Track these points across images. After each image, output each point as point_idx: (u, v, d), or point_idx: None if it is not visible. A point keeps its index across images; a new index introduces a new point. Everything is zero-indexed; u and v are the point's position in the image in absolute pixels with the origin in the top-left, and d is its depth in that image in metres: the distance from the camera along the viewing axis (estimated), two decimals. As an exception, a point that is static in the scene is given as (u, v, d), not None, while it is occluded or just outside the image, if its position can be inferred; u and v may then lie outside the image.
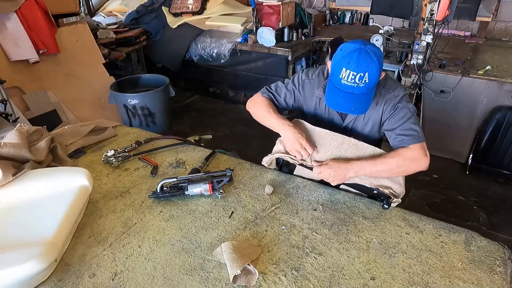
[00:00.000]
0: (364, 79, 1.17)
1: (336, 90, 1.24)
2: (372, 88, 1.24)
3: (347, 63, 1.18)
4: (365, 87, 1.20)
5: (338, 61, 1.21)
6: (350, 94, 1.21)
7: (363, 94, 1.22)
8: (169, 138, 1.68)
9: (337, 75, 1.21)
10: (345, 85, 1.20)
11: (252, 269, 0.98)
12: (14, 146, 1.29)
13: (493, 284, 0.95)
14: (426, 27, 2.54)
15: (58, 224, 1.05)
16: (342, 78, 1.20)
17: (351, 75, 1.17)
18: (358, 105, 1.24)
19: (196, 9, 4.17)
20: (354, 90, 1.20)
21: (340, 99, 1.24)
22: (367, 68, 1.16)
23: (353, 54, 1.17)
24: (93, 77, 3.40)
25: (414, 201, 2.70)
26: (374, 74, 1.18)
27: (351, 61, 1.17)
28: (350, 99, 1.22)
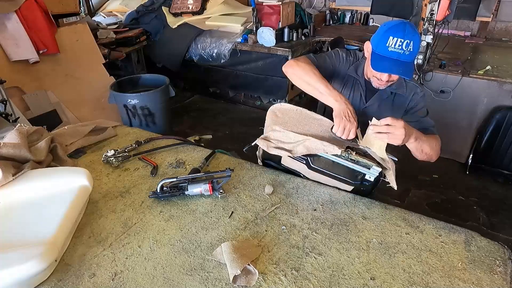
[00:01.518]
0: (409, 47, 1.26)
1: (383, 57, 1.31)
2: (413, 61, 1.32)
3: (394, 32, 1.27)
4: (410, 56, 1.28)
5: (383, 32, 1.30)
6: (397, 61, 1.28)
7: (408, 62, 1.29)
8: (169, 138, 1.68)
9: (383, 44, 1.29)
10: (392, 52, 1.28)
11: (252, 269, 0.98)
12: (14, 146, 1.29)
13: (493, 284, 0.95)
14: (426, 27, 2.55)
15: (58, 224, 1.05)
16: (389, 45, 1.27)
17: (398, 41, 1.26)
18: (405, 70, 1.30)
19: (196, 9, 4.17)
20: (400, 57, 1.27)
21: (388, 63, 1.30)
22: (412, 36, 1.25)
23: (400, 25, 1.27)
24: (93, 77, 3.40)
25: (414, 201, 2.71)
26: (417, 45, 1.28)
27: (398, 30, 1.26)
28: (398, 64, 1.29)
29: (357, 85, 1.53)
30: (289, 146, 1.30)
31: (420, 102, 1.49)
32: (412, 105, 1.49)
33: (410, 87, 1.49)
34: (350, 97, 1.55)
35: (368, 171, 1.25)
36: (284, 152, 1.30)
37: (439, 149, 1.38)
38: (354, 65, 1.53)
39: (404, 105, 1.50)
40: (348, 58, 1.55)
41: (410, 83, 1.50)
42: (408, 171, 2.97)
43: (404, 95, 1.49)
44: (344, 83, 1.56)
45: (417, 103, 1.49)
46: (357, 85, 1.53)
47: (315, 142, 1.25)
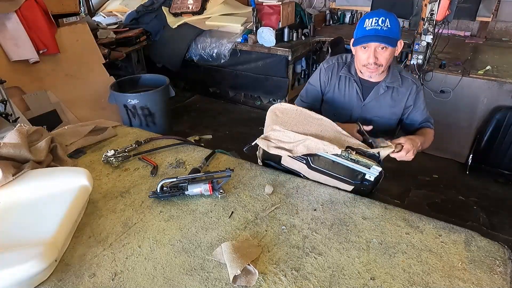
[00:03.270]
0: (386, 24, 1.34)
1: (363, 36, 1.39)
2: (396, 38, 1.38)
3: (369, 15, 1.39)
4: (388, 32, 1.35)
5: (360, 20, 1.42)
6: (375, 35, 1.36)
7: (388, 37, 1.36)
8: (169, 138, 1.68)
9: (361, 27, 1.40)
10: (370, 29, 1.37)
11: (252, 269, 0.98)
12: (14, 146, 1.29)
13: (493, 284, 0.95)
14: (426, 27, 2.54)
15: (58, 224, 1.05)
16: (366, 26, 1.38)
17: (374, 20, 1.36)
18: (385, 40, 1.36)
19: (196, 9, 4.17)
20: (378, 32, 1.35)
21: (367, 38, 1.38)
22: (387, 15, 1.36)
23: (374, 11, 1.40)
24: (93, 77, 3.40)
25: (414, 201, 2.71)
26: (395, 24, 1.36)
27: (372, 13, 1.39)
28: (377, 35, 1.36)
29: (352, 84, 1.56)
30: (289, 146, 1.30)
31: (417, 101, 1.55)
32: (410, 103, 1.55)
33: (406, 82, 1.53)
34: (345, 98, 1.59)
35: (368, 170, 1.25)
36: (284, 151, 1.30)
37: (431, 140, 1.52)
38: (346, 66, 1.57)
39: (402, 101, 1.54)
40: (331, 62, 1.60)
41: (407, 78, 1.53)
42: (408, 171, 2.98)
43: (401, 89, 1.52)
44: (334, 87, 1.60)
45: (415, 103, 1.55)
46: (352, 84, 1.56)
47: (315, 141, 1.25)
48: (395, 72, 1.52)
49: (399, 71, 1.54)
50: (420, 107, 1.56)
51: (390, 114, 1.57)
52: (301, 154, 1.30)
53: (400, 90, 1.52)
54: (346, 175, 1.28)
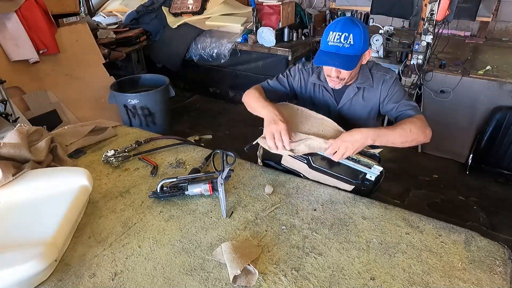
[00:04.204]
0: (349, 40, 1.28)
1: (324, 52, 1.34)
2: (357, 54, 1.32)
3: (333, 27, 1.31)
4: (350, 49, 1.29)
5: (326, 29, 1.35)
6: (336, 54, 1.31)
7: (349, 55, 1.30)
8: (169, 138, 1.68)
9: (325, 40, 1.34)
10: (332, 46, 1.31)
11: (252, 269, 0.98)
12: (14, 146, 1.29)
13: (493, 284, 0.95)
14: (426, 27, 2.54)
15: (58, 224, 1.05)
16: (329, 40, 1.32)
17: (336, 35, 1.30)
18: (342, 62, 1.31)
19: (196, 9, 4.17)
20: (339, 50, 1.30)
21: (326, 57, 1.33)
22: (351, 30, 1.28)
23: (339, 20, 1.32)
24: (93, 77, 3.40)
25: (414, 201, 2.70)
26: (358, 37, 1.28)
27: (336, 25, 1.31)
28: (335, 56, 1.31)
29: (323, 90, 1.53)
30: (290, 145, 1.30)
31: (391, 89, 1.44)
32: (384, 96, 1.45)
33: (377, 78, 1.46)
34: (322, 103, 1.56)
35: (369, 170, 1.25)
36: (286, 151, 1.30)
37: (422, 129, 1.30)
38: (316, 72, 1.53)
39: (376, 99, 1.48)
40: (306, 67, 1.56)
41: (377, 74, 1.46)
42: (408, 171, 2.98)
43: (372, 88, 1.46)
44: (310, 93, 1.57)
45: (389, 92, 1.44)
46: (323, 90, 1.53)
47: (317, 140, 1.25)
48: (365, 72, 1.47)
49: (369, 69, 1.47)
50: (394, 94, 1.43)
51: (366, 114, 1.52)
52: (303, 154, 1.30)
53: (371, 89, 1.47)
54: (347, 174, 1.29)
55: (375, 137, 1.23)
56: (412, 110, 1.38)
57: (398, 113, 1.41)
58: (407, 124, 1.30)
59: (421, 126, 1.30)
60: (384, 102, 1.46)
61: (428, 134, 1.32)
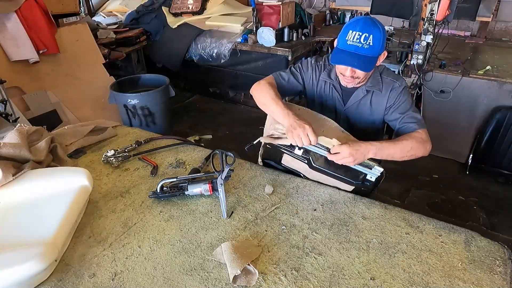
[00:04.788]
0: (368, 41, 1.26)
1: (342, 51, 1.31)
2: (375, 56, 1.30)
3: (353, 26, 1.28)
4: (369, 50, 1.27)
5: (345, 27, 1.31)
6: (355, 54, 1.28)
7: (367, 56, 1.28)
8: (169, 138, 1.68)
9: (343, 38, 1.30)
10: (351, 45, 1.28)
11: (252, 269, 0.98)
12: (14, 146, 1.29)
13: (493, 284, 0.95)
14: (426, 27, 2.54)
15: (58, 224, 1.05)
16: (348, 39, 1.28)
17: (356, 35, 1.26)
18: (361, 63, 1.29)
19: (196, 9, 4.17)
20: (358, 50, 1.27)
21: (345, 56, 1.30)
22: (371, 30, 1.26)
23: (360, 19, 1.29)
24: (93, 77, 3.40)
25: (414, 201, 2.70)
26: (378, 39, 1.27)
27: (357, 24, 1.27)
28: (354, 56, 1.28)
29: (332, 88, 1.52)
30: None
31: (399, 98, 1.42)
32: (390, 103, 1.44)
33: (387, 83, 1.44)
34: (329, 101, 1.54)
35: (370, 171, 1.25)
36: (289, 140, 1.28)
37: (423, 144, 1.33)
38: (327, 70, 1.51)
39: (382, 104, 1.46)
40: (318, 63, 1.53)
41: (387, 79, 1.44)
42: (408, 171, 2.98)
43: (381, 93, 1.44)
44: (319, 89, 1.55)
45: (396, 100, 1.43)
46: (332, 88, 1.52)
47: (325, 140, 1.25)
48: (376, 75, 1.45)
49: (380, 73, 1.46)
50: (401, 104, 1.42)
51: (371, 117, 1.51)
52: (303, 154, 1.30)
53: (379, 93, 1.45)
54: (347, 175, 1.28)
55: (376, 151, 1.25)
56: (416, 124, 1.38)
57: (402, 125, 1.41)
58: (408, 140, 1.32)
59: (422, 142, 1.33)
60: (389, 109, 1.45)
61: (428, 148, 1.35)
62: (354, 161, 1.21)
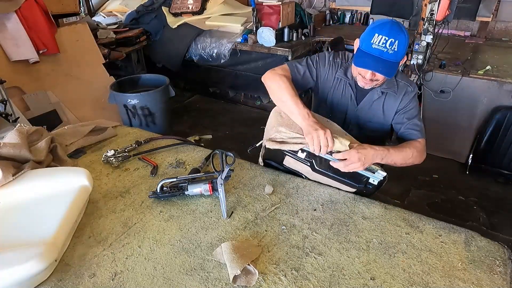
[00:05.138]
0: (393, 46, 1.25)
1: (366, 54, 1.30)
2: (398, 61, 1.30)
3: (380, 29, 1.26)
4: (393, 55, 1.26)
5: (370, 29, 1.30)
6: (379, 58, 1.27)
7: (391, 62, 1.28)
8: (169, 138, 1.68)
9: (368, 41, 1.29)
10: (376, 49, 1.27)
11: (252, 269, 0.98)
12: (14, 146, 1.29)
13: (493, 284, 0.95)
14: (426, 27, 2.54)
15: (58, 224, 1.05)
16: (373, 43, 1.27)
17: (382, 39, 1.25)
18: (385, 68, 1.29)
19: (196, 9, 4.17)
20: (383, 55, 1.27)
21: (369, 60, 1.29)
22: (397, 36, 1.25)
23: (386, 23, 1.28)
24: (93, 77, 3.40)
25: (414, 201, 2.71)
26: (403, 45, 1.27)
27: (383, 28, 1.26)
28: (379, 61, 1.28)
29: (347, 87, 1.51)
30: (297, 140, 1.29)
31: (410, 103, 1.45)
32: (401, 107, 1.46)
33: (401, 86, 1.45)
34: (341, 100, 1.54)
35: (373, 175, 1.25)
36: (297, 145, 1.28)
37: (421, 153, 1.39)
38: (343, 68, 1.50)
39: (394, 106, 1.47)
40: (336, 60, 1.51)
41: (402, 82, 1.46)
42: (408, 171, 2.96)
43: (395, 95, 1.45)
44: (333, 87, 1.53)
45: (406, 105, 1.45)
46: (347, 87, 1.51)
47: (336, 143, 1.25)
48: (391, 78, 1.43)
49: (395, 75, 1.46)
50: (410, 110, 1.45)
51: (382, 119, 1.52)
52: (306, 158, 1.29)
53: (393, 96, 1.46)
54: (350, 178, 1.28)
55: (383, 156, 1.27)
56: (419, 132, 1.42)
57: (405, 130, 1.44)
58: (411, 148, 1.36)
59: (421, 151, 1.39)
60: (398, 112, 1.46)
61: (423, 158, 1.41)
62: (363, 166, 1.22)
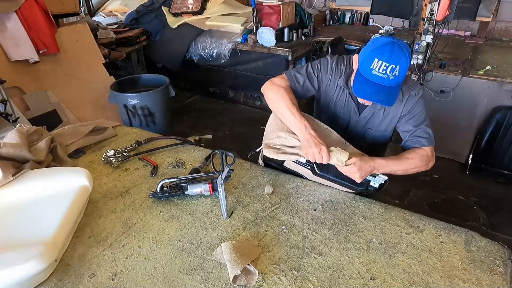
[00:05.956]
0: (394, 72, 1.19)
1: (366, 80, 1.24)
2: (399, 84, 1.26)
3: (380, 54, 1.19)
4: (394, 81, 1.21)
5: (370, 52, 1.22)
6: (379, 86, 1.22)
7: (391, 87, 1.23)
8: (169, 138, 1.68)
9: (367, 66, 1.22)
10: (376, 76, 1.21)
11: (252, 269, 0.98)
12: (14, 146, 1.29)
13: (493, 284, 0.95)
14: (426, 27, 2.54)
15: (58, 224, 1.05)
16: (373, 68, 1.21)
17: (383, 65, 1.19)
18: (386, 97, 1.24)
19: (196, 9, 4.17)
20: (383, 81, 1.21)
21: (369, 88, 1.24)
22: (399, 61, 1.18)
23: (386, 46, 1.19)
24: (93, 77, 3.40)
25: (414, 201, 2.70)
26: (404, 68, 1.21)
27: (384, 53, 1.19)
28: (379, 90, 1.22)
29: (349, 97, 1.45)
30: (296, 150, 1.29)
31: (415, 108, 1.38)
32: (405, 112, 1.39)
33: (404, 91, 1.38)
34: (343, 109, 1.48)
35: (374, 178, 1.25)
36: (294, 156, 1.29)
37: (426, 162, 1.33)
38: (345, 75, 1.42)
39: (397, 113, 1.41)
40: (339, 66, 1.44)
41: (404, 86, 1.37)
42: (408, 171, 2.98)
43: (398, 101, 1.38)
44: (335, 95, 1.47)
45: (411, 110, 1.38)
46: (349, 97, 1.45)
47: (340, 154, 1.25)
48: None
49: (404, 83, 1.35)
50: (415, 115, 1.38)
51: (384, 127, 1.47)
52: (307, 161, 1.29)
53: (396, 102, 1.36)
54: (352, 182, 1.28)
55: (382, 169, 1.26)
56: (426, 140, 1.35)
57: (412, 138, 1.38)
58: (414, 159, 1.32)
59: (426, 160, 1.33)
60: (403, 118, 1.40)
61: (430, 165, 1.35)
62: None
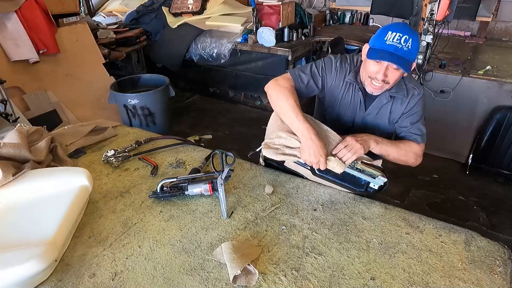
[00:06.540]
0: (408, 44, 1.22)
1: (380, 50, 1.26)
2: (411, 62, 1.28)
3: (393, 28, 1.25)
4: (407, 53, 1.23)
5: (382, 29, 1.28)
6: (394, 53, 1.24)
7: (404, 58, 1.24)
8: (169, 138, 1.68)
9: (381, 38, 1.26)
10: (390, 45, 1.24)
11: (252, 269, 0.98)
12: (14, 146, 1.29)
13: (493, 284, 0.95)
14: (426, 27, 2.54)
15: (58, 224, 1.05)
16: (387, 39, 1.24)
17: (397, 35, 1.23)
18: (401, 61, 1.24)
19: (196, 9, 4.17)
20: (398, 51, 1.23)
21: (384, 54, 1.26)
22: (411, 34, 1.23)
23: (400, 23, 1.28)
24: (93, 77, 3.40)
25: (414, 201, 2.71)
26: (415, 44, 1.25)
27: (397, 26, 1.25)
28: (394, 55, 1.24)
29: (357, 92, 1.44)
30: (294, 151, 1.29)
31: (415, 106, 1.42)
32: (407, 110, 1.43)
33: (409, 89, 1.41)
34: (350, 106, 1.49)
35: (373, 180, 1.25)
36: (292, 157, 1.29)
37: (416, 156, 1.40)
38: (353, 72, 1.43)
39: (401, 110, 1.44)
40: (343, 65, 1.45)
41: (409, 85, 1.41)
42: (408, 171, 2.96)
43: (403, 99, 1.41)
44: (341, 93, 1.47)
45: (411, 108, 1.42)
46: (357, 92, 1.44)
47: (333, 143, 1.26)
48: (400, 81, 1.39)
49: (403, 79, 1.41)
50: (414, 114, 1.42)
51: (388, 123, 1.49)
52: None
53: (402, 99, 1.42)
54: (351, 183, 1.29)
55: (376, 143, 1.31)
56: (420, 137, 1.42)
57: (407, 134, 1.44)
58: (407, 148, 1.40)
59: (416, 153, 1.41)
60: (404, 115, 1.44)
61: (418, 162, 1.42)
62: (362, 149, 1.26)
